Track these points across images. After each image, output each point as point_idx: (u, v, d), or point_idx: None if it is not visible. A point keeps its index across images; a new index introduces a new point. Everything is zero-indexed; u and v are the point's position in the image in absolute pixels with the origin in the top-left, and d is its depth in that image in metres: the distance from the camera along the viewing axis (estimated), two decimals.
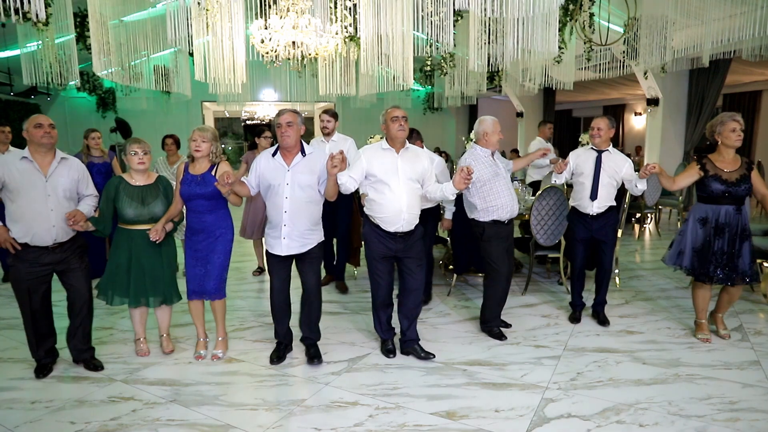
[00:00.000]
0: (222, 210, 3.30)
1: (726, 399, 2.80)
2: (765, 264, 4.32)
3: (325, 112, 4.72)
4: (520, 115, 13.46)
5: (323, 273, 5.00)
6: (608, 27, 6.55)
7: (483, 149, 3.64)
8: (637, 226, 7.93)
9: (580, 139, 8.05)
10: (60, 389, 2.98)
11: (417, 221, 3.27)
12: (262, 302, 4.57)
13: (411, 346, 3.40)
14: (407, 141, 3.29)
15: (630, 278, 5.16)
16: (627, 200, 4.86)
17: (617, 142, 15.23)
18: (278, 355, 3.36)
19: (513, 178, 6.32)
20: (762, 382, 2.98)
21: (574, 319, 4.04)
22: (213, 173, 3.20)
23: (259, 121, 16.58)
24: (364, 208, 3.30)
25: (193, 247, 3.29)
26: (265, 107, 15.57)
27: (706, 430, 2.51)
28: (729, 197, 3.40)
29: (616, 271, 5.00)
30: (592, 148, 3.92)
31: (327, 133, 4.67)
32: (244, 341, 3.67)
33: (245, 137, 21.06)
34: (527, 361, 3.31)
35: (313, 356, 3.33)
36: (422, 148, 3.78)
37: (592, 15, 6.61)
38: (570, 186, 5.73)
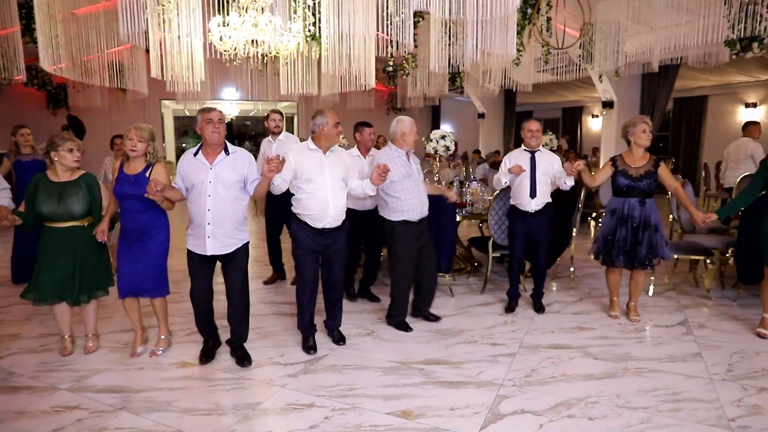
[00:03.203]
0: (156, 210, 3.24)
1: (670, 390, 2.92)
2: (707, 261, 4.52)
3: (274, 111, 4.93)
4: (481, 116, 13.67)
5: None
6: (564, 31, 6.73)
7: (398, 149, 3.74)
8: (592, 225, 8.17)
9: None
10: None
11: (343, 217, 3.43)
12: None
13: (330, 328, 3.68)
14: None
15: (584, 276, 5.32)
16: (582, 200, 5.01)
17: (575, 143, 15.66)
18: (207, 354, 3.35)
19: (473, 179, 6.42)
20: (702, 373, 3.13)
21: (510, 309, 4.27)
22: (147, 174, 3.17)
23: None
24: (292, 207, 3.40)
25: (126, 246, 3.26)
26: (226, 106, 15.24)
27: (650, 421, 2.61)
28: (633, 191, 3.80)
29: (572, 269, 5.15)
30: (525, 149, 4.15)
31: (277, 133, 4.84)
32: (198, 344, 3.56)
33: None
34: (483, 359, 3.36)
35: (242, 358, 3.31)
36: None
37: (549, 19, 6.79)
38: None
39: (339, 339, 3.62)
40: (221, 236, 3.12)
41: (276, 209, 4.69)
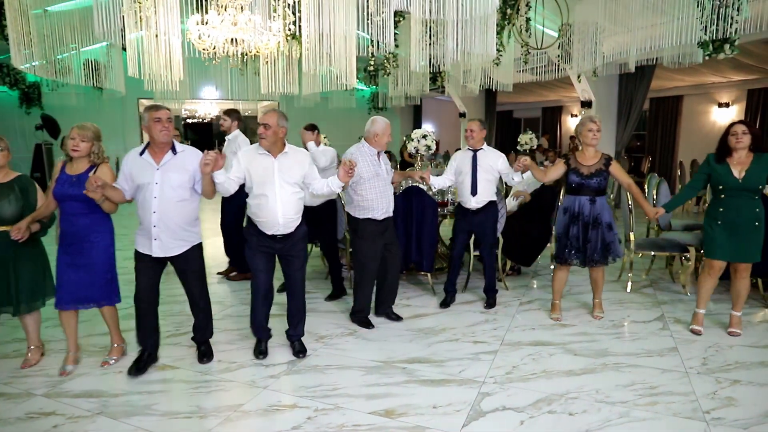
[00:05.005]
0: (98, 213, 3.08)
1: (647, 384, 2.98)
2: (683, 257, 4.62)
3: (224, 111, 4.95)
4: (462, 115, 13.75)
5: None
6: (543, 31, 6.81)
7: (370, 148, 3.77)
8: None
9: (519, 139, 8.30)
10: None
11: (297, 224, 3.25)
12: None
13: (291, 339, 3.48)
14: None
15: None
16: (561, 199, 5.06)
17: (555, 142, 15.85)
18: (138, 367, 3.12)
19: None
20: (678, 367, 3.20)
21: (444, 304, 4.35)
22: (91, 175, 2.98)
23: (200, 120, 16.06)
24: (247, 210, 3.26)
25: (66, 252, 3.08)
26: (206, 105, 15.07)
27: (628, 415, 2.66)
28: (584, 188, 3.84)
29: (552, 267, 5.20)
30: (468, 148, 4.26)
31: (223, 131, 4.84)
32: (179, 347, 3.54)
33: (185, 136, 20.32)
34: (465, 357, 3.38)
35: (204, 354, 3.32)
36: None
37: (528, 20, 6.86)
38: None
39: (299, 351, 3.40)
40: (167, 238, 3.02)
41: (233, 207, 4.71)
